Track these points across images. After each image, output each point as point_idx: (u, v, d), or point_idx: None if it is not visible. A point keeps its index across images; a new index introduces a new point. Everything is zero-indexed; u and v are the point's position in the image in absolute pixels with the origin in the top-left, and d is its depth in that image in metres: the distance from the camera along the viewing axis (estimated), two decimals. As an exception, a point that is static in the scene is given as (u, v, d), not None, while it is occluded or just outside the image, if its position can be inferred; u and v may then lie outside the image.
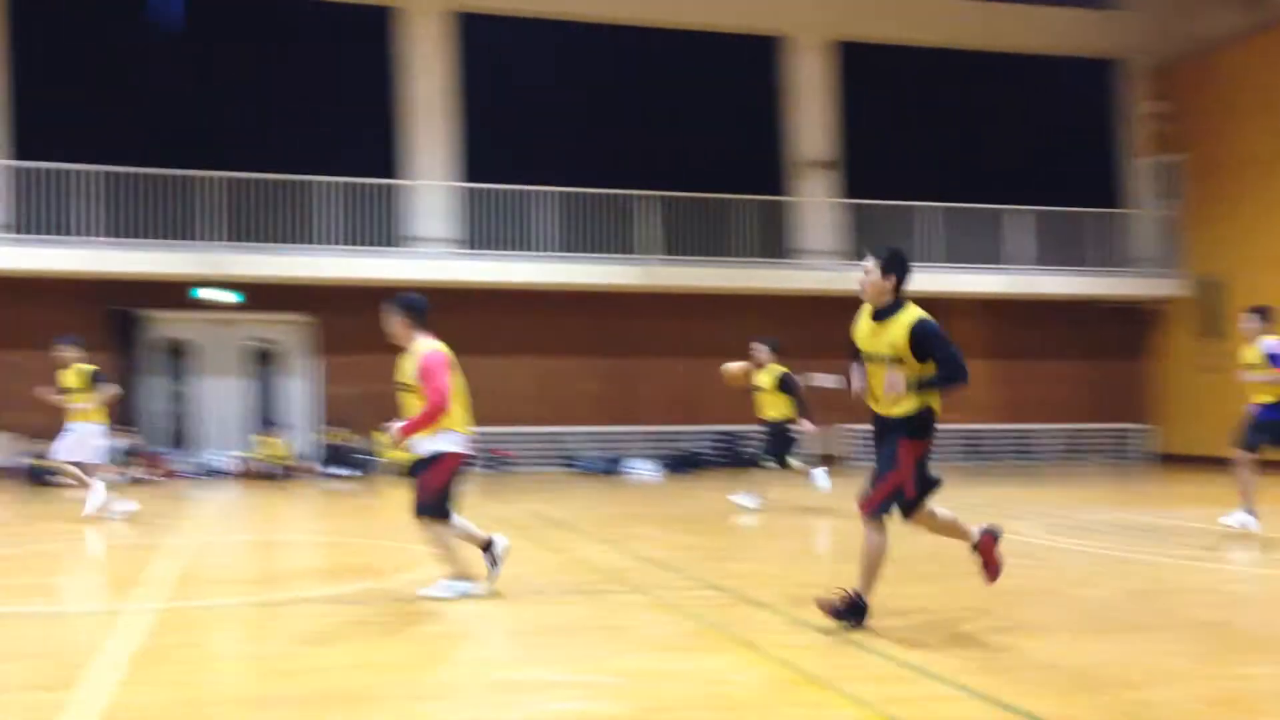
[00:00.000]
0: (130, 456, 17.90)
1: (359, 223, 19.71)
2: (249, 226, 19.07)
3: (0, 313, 18.52)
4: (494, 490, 16.10)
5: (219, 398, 20.24)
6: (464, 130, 20.78)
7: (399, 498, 15.73)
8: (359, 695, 4.97)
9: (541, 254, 20.20)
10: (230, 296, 19.63)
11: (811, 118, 22.34)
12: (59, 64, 19.25)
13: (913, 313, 6.16)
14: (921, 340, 6.06)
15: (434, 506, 7.10)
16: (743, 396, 14.03)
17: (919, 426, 6.12)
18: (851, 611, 6.09)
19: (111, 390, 12.84)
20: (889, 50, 22.67)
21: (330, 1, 20.30)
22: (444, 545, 7.25)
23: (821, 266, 21.27)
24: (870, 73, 22.51)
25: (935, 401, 6.17)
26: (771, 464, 13.28)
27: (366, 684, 5.17)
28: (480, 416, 20.73)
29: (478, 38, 20.89)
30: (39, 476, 16.91)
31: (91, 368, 12.60)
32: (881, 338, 6.15)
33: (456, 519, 7.26)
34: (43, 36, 19.20)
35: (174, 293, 19.23)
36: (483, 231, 20.27)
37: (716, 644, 5.97)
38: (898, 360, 6.08)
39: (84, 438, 12.42)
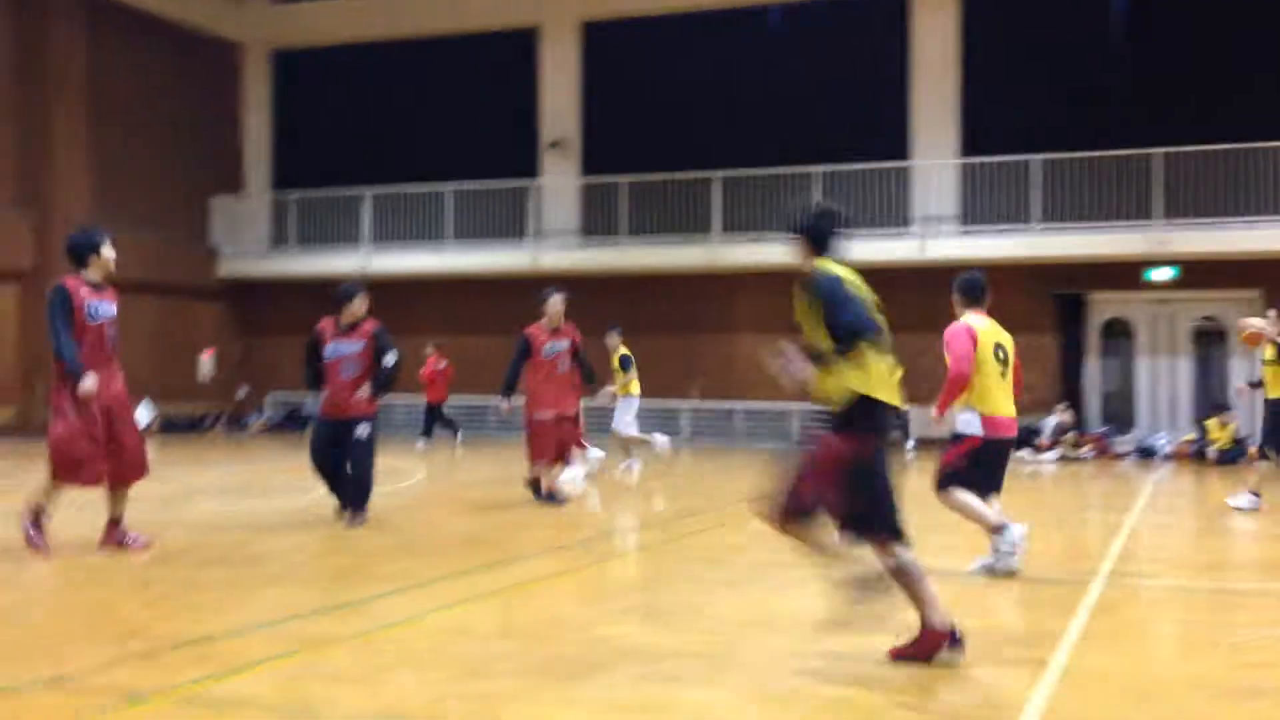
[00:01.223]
0: (1075, 435, 18.59)
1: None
2: (1188, 202, 18.61)
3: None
4: None
5: (1158, 378, 20.10)
6: None
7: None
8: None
9: None
10: (1173, 273, 19.45)
11: None
12: (1007, 62, 20.51)
13: (815, 269, 5.07)
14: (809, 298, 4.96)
15: (942, 481, 7.21)
16: None
17: (846, 419, 4.89)
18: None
19: (633, 374, 14.59)
20: None
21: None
22: (974, 517, 7.23)
23: None
24: None
25: (873, 387, 4.86)
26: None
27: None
28: None
29: None
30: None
31: (624, 352, 14.57)
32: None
33: (971, 499, 7.18)
34: (991, 39, 20.63)
35: (1118, 274, 19.48)
36: None
37: None
38: (799, 331, 5.04)
39: (624, 411, 14.63)
